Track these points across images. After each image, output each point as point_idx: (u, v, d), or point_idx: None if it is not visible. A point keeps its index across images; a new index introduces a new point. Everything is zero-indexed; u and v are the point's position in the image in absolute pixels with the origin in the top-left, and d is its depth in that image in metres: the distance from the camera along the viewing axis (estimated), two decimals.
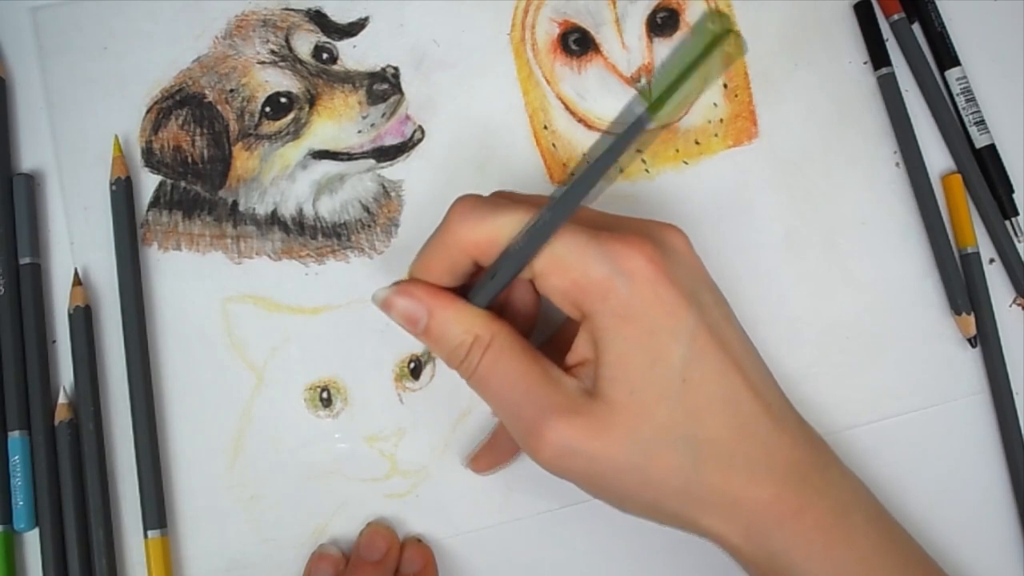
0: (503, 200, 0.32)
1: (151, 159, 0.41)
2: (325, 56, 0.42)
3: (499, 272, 0.32)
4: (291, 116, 0.42)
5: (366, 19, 0.42)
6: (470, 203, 0.32)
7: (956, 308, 0.40)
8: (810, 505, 0.32)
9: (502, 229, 0.31)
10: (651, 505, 0.32)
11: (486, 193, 0.42)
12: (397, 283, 0.33)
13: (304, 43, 0.42)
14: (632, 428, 0.31)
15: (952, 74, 0.42)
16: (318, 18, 0.42)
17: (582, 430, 0.31)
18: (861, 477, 0.39)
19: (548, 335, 0.38)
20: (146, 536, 0.38)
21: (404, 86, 0.42)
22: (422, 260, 0.33)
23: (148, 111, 0.42)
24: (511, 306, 0.35)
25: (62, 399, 0.39)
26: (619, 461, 0.31)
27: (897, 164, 0.42)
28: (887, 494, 0.39)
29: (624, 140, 0.27)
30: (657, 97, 0.25)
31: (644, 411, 0.31)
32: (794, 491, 0.32)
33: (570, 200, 0.29)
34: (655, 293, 0.30)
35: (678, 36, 0.43)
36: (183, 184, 0.41)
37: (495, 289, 0.32)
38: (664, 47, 0.42)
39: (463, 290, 0.33)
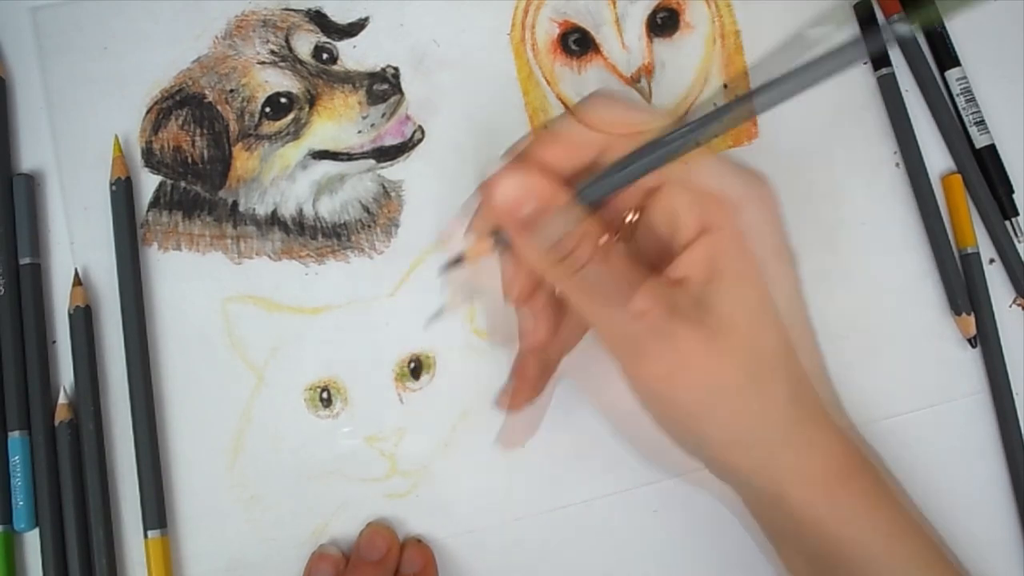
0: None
1: (151, 159, 0.41)
2: (325, 56, 0.42)
3: (636, 162, 0.29)
4: (291, 116, 0.42)
5: (366, 19, 0.42)
6: (612, 94, 0.31)
7: (956, 308, 0.40)
8: (865, 463, 0.33)
9: (645, 124, 0.30)
10: (741, 432, 0.31)
11: None
12: (505, 162, 0.31)
13: (304, 43, 0.42)
14: (746, 350, 0.30)
15: (952, 74, 0.42)
16: (318, 18, 0.42)
17: (692, 337, 0.30)
18: None
19: None
20: (146, 536, 0.38)
21: (404, 86, 0.42)
22: (539, 140, 0.31)
23: (148, 111, 0.42)
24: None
25: (62, 399, 0.39)
26: (728, 381, 0.30)
27: (897, 164, 0.42)
28: None
29: (835, 57, 0.25)
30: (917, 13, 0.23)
31: (758, 335, 0.30)
32: (857, 446, 0.33)
33: (743, 107, 0.28)
34: (776, 222, 0.31)
35: (678, 36, 0.43)
36: (183, 184, 0.41)
37: (620, 182, 0.30)
38: (664, 47, 0.42)
39: None
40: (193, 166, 0.41)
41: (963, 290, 0.40)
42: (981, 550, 0.39)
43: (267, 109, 0.42)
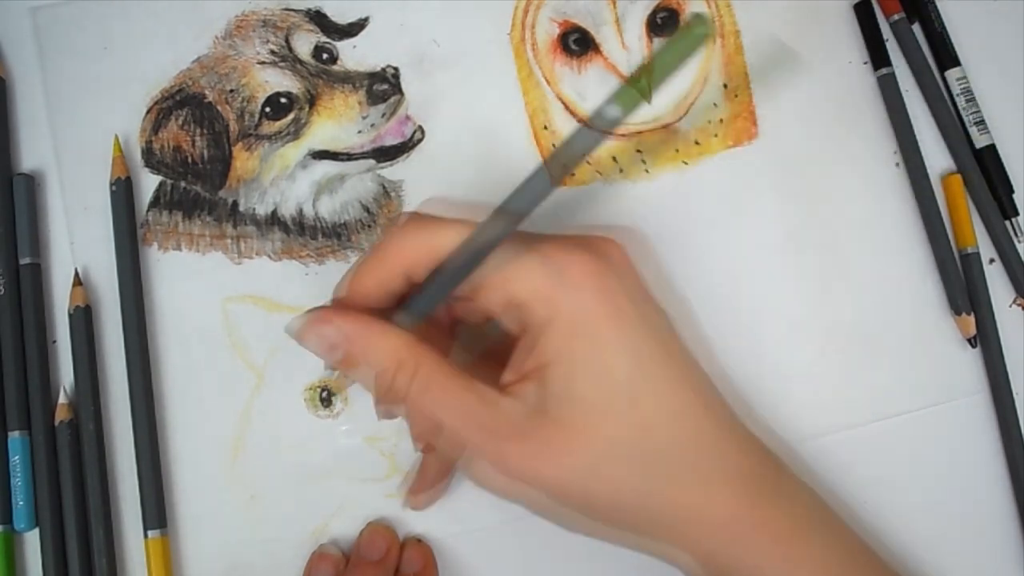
0: (442, 216, 0.31)
1: (151, 159, 0.41)
2: (325, 56, 0.42)
3: (434, 287, 0.30)
4: (291, 116, 0.42)
5: (366, 19, 0.42)
6: (408, 218, 0.31)
7: (956, 308, 0.40)
8: (767, 518, 0.31)
9: (440, 241, 0.30)
10: (603, 525, 0.32)
11: (483, 194, 0.42)
12: (310, 310, 0.32)
13: (304, 43, 0.42)
14: (578, 447, 0.30)
15: (952, 74, 0.42)
16: (318, 18, 0.42)
17: (527, 452, 0.30)
18: (860, 477, 0.39)
19: (472, 356, 0.37)
20: (146, 536, 0.38)
21: (404, 86, 0.42)
22: (355, 276, 0.32)
23: (148, 111, 0.42)
24: (426, 332, 0.34)
25: (62, 399, 0.39)
26: (566, 481, 0.30)
27: (897, 164, 0.42)
28: (887, 494, 0.39)
29: (572, 147, 0.26)
30: (623, 91, 0.25)
31: (590, 429, 0.30)
32: (750, 504, 0.31)
33: (515, 210, 0.28)
34: (598, 304, 0.30)
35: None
36: (183, 184, 0.41)
37: (428, 305, 0.31)
38: None
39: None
40: (193, 166, 0.41)
41: (963, 290, 0.40)
42: (981, 550, 0.40)
43: (267, 109, 0.42)
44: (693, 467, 0.31)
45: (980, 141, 0.42)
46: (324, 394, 0.40)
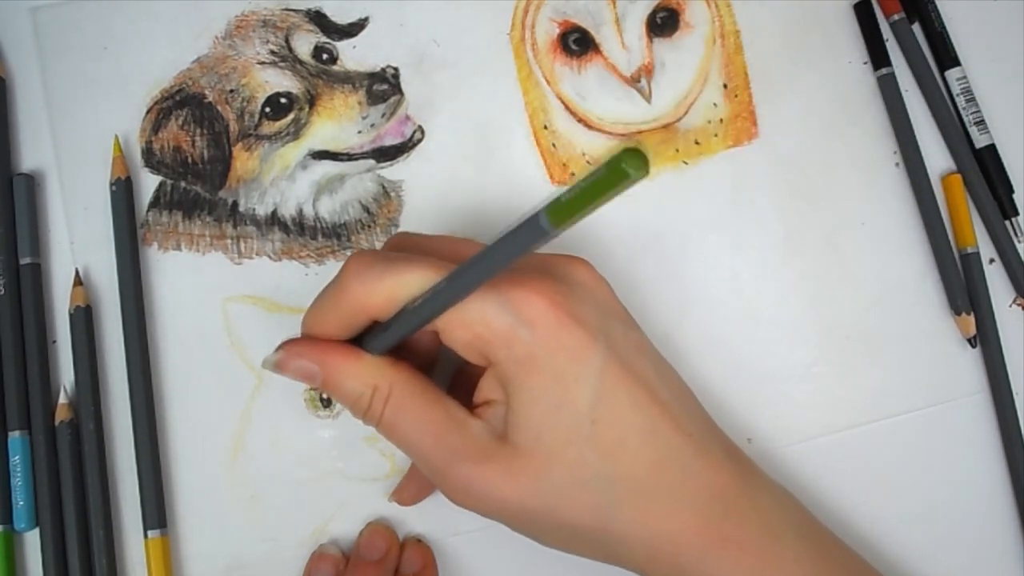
0: (400, 256, 0.31)
1: (151, 159, 0.41)
2: (325, 56, 0.42)
3: (396, 329, 0.31)
4: (291, 116, 0.42)
5: (366, 19, 0.42)
6: (366, 261, 0.31)
7: (956, 308, 0.40)
8: (737, 532, 0.31)
9: (399, 289, 0.30)
10: (569, 541, 0.32)
11: (483, 193, 0.42)
12: (284, 343, 0.33)
13: (304, 43, 0.42)
14: (540, 472, 0.30)
15: (952, 74, 0.42)
16: (318, 18, 0.42)
17: (490, 475, 0.31)
18: (861, 477, 0.39)
19: (453, 369, 0.37)
20: (146, 536, 0.38)
21: (404, 86, 0.42)
22: (316, 317, 0.32)
23: (148, 111, 0.42)
24: (410, 344, 0.34)
25: (62, 399, 0.39)
26: (529, 504, 0.31)
27: (897, 164, 0.42)
28: (887, 494, 0.39)
29: (524, 242, 0.26)
30: (561, 210, 0.24)
31: (552, 455, 0.30)
32: (719, 519, 0.31)
33: (472, 278, 0.28)
34: (557, 338, 0.30)
35: (678, 36, 0.43)
36: (183, 184, 0.41)
37: (391, 342, 0.31)
38: (664, 47, 0.42)
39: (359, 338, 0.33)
40: (193, 166, 0.41)
41: (963, 290, 0.40)
42: (981, 550, 0.40)
43: (267, 109, 0.42)
44: (660, 487, 0.31)
45: (980, 141, 0.42)
46: (324, 394, 0.40)
